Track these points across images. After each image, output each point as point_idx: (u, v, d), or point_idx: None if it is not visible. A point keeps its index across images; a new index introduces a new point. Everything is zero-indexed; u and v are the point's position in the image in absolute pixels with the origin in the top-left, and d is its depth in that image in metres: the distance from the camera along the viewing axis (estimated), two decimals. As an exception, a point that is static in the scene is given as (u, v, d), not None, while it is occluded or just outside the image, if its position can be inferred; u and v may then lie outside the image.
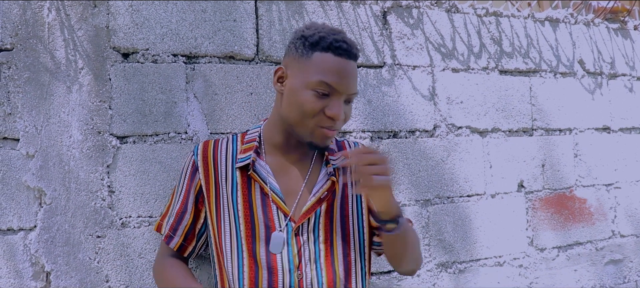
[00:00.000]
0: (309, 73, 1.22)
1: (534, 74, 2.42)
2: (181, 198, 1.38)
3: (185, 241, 1.41)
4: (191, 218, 1.38)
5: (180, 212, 1.38)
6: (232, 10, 1.81)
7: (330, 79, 1.20)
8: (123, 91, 1.66)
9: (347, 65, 1.22)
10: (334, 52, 1.21)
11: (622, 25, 2.72)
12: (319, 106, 1.22)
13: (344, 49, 1.21)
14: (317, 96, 1.21)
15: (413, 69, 2.13)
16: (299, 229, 1.30)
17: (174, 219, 1.40)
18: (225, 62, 1.81)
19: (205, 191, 1.35)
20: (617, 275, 2.59)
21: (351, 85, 1.23)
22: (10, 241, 1.53)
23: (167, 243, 1.42)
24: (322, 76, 1.20)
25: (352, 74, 1.23)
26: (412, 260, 1.40)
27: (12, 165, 1.54)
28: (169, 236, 1.41)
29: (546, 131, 2.43)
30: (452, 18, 2.23)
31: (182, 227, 1.39)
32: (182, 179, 1.40)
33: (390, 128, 2.06)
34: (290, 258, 1.28)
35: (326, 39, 1.22)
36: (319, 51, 1.22)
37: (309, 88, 1.22)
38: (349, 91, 1.23)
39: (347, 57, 1.22)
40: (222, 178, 1.33)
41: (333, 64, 1.21)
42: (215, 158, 1.35)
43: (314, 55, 1.22)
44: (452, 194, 2.17)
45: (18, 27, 1.55)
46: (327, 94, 1.22)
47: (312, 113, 1.22)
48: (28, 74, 1.56)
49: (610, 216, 2.58)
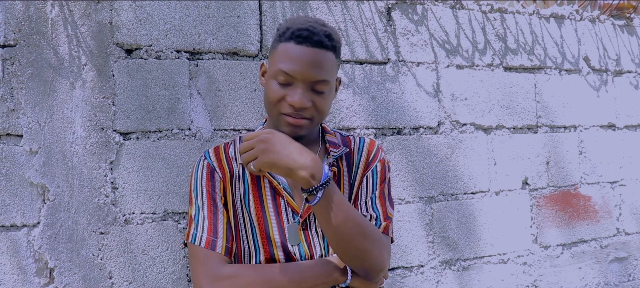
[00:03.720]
0: (273, 63, 1.25)
1: (539, 71, 2.41)
2: (205, 201, 1.30)
3: (228, 243, 1.28)
4: (226, 218, 1.32)
5: (212, 213, 1.29)
6: (235, 7, 1.81)
7: (287, 66, 1.21)
8: (126, 87, 1.66)
9: (307, 52, 1.21)
10: (295, 41, 1.21)
11: (628, 22, 2.70)
12: (280, 94, 1.23)
13: (304, 36, 1.21)
14: (279, 85, 1.23)
15: (417, 66, 2.12)
16: (306, 223, 1.31)
17: (208, 222, 1.28)
18: (229, 58, 1.80)
19: (226, 191, 1.33)
20: (622, 273, 2.58)
21: (310, 72, 1.21)
22: (14, 237, 1.53)
23: (212, 248, 1.25)
24: (281, 64, 1.22)
25: (314, 61, 1.21)
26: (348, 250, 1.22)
27: (15, 161, 1.54)
28: (211, 241, 1.26)
29: (551, 128, 2.42)
30: (457, 14, 2.22)
31: (221, 228, 1.28)
32: (200, 183, 1.32)
33: (394, 124, 2.05)
34: (302, 253, 1.29)
35: (290, 29, 1.23)
36: (284, 41, 1.23)
37: (272, 77, 1.24)
38: (307, 78, 1.21)
39: (309, 45, 1.21)
40: (236, 180, 1.33)
41: (292, 52, 1.21)
42: (228, 160, 1.35)
43: (279, 46, 1.24)
44: (456, 191, 2.16)
45: (21, 23, 1.55)
46: (290, 83, 1.22)
47: (275, 101, 1.24)
48: (31, 70, 1.55)
49: (615, 214, 2.57)
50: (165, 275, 1.69)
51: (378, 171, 1.38)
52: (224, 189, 1.32)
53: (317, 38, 1.21)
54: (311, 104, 1.22)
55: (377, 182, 1.37)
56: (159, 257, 1.68)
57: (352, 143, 1.41)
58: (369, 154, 1.39)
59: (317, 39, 1.21)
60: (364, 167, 1.38)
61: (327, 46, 1.23)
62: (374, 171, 1.37)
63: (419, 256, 2.07)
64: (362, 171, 1.37)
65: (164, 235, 1.69)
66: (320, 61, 1.22)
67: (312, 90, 1.23)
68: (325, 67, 1.23)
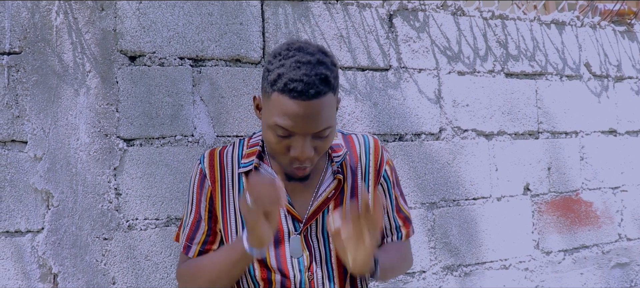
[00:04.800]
0: (269, 113, 1.16)
1: (540, 77, 2.42)
2: (194, 207, 1.34)
3: (204, 247, 1.34)
4: (207, 227, 1.34)
5: (195, 221, 1.33)
6: (238, 14, 1.82)
7: (285, 123, 1.13)
8: (130, 94, 1.67)
9: (304, 107, 1.11)
10: (289, 95, 1.11)
11: (628, 28, 2.71)
12: (283, 146, 1.17)
13: (298, 90, 1.09)
14: (278, 137, 1.16)
15: (419, 72, 2.13)
16: (308, 231, 1.30)
17: (189, 229, 1.35)
18: (232, 65, 1.82)
19: (214, 198, 1.34)
20: (624, 279, 2.58)
21: (309, 126, 1.13)
22: (18, 243, 1.54)
23: (186, 253, 1.35)
24: (277, 118, 1.13)
25: (313, 113, 1.12)
26: (396, 275, 1.47)
27: (20, 167, 1.55)
28: (187, 246, 1.35)
29: (552, 134, 2.42)
30: (458, 21, 2.23)
31: (199, 235, 1.34)
32: (192, 189, 1.36)
33: (396, 131, 2.06)
34: (301, 260, 1.28)
35: (281, 78, 1.12)
36: (277, 91, 1.13)
37: (270, 128, 1.17)
38: (309, 131, 1.14)
39: (305, 99, 1.10)
40: (229, 185, 1.32)
41: (288, 107, 1.11)
42: (221, 166, 1.34)
43: (272, 95, 1.14)
44: (457, 197, 2.17)
45: (26, 30, 1.56)
46: (290, 135, 1.16)
47: (277, 153, 1.19)
48: (36, 77, 1.57)
49: (617, 220, 2.58)
50: (169, 281, 1.69)
51: (389, 175, 1.37)
52: (211, 197, 1.32)
53: (313, 90, 1.10)
54: (314, 152, 1.18)
55: (391, 188, 1.38)
56: (162, 263, 1.69)
57: (357, 145, 1.39)
58: (376, 157, 1.36)
59: (313, 91, 1.10)
60: (375, 174, 1.36)
61: (324, 92, 1.12)
62: (386, 178, 1.36)
63: (420, 262, 2.08)
64: (374, 179, 1.35)
65: (167, 241, 1.69)
66: (318, 112, 1.13)
67: (314, 137, 1.18)
68: (324, 115, 1.14)
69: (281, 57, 1.15)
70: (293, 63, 1.12)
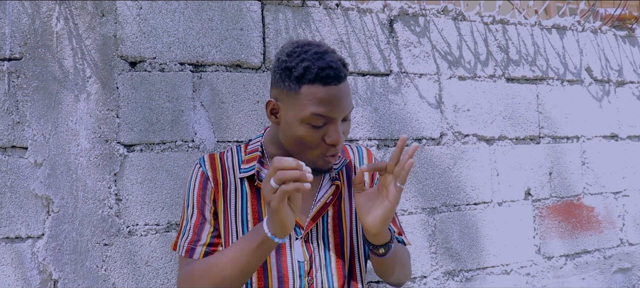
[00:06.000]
0: (301, 108, 1.19)
1: (541, 82, 2.42)
2: (195, 211, 1.31)
3: (209, 248, 1.30)
4: (212, 228, 1.33)
5: (198, 224, 1.30)
6: (239, 19, 1.82)
7: (323, 110, 1.17)
8: (130, 100, 1.67)
9: (337, 91, 1.18)
10: (322, 83, 1.16)
11: (629, 33, 2.71)
12: (318, 137, 1.20)
13: (331, 76, 1.16)
14: (313, 128, 1.19)
15: (420, 77, 2.13)
16: (308, 236, 1.30)
17: (192, 232, 1.30)
18: (232, 70, 1.82)
19: (217, 200, 1.33)
20: (626, 284, 2.57)
21: (345, 107, 1.20)
22: (19, 249, 1.54)
23: (190, 256, 1.29)
24: (314, 108, 1.17)
25: (344, 95, 1.19)
26: (401, 276, 1.40)
27: (20, 173, 1.55)
28: (190, 249, 1.29)
29: (553, 139, 2.42)
30: (459, 26, 2.23)
31: (204, 236, 1.30)
32: (192, 192, 1.34)
33: (396, 136, 2.06)
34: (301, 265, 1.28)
35: (311, 69, 1.16)
36: (306, 83, 1.17)
37: (304, 122, 1.19)
38: (344, 112, 1.20)
39: (336, 83, 1.17)
40: (231, 190, 1.32)
41: (323, 94, 1.17)
42: (223, 169, 1.34)
43: (302, 89, 1.18)
44: (458, 202, 2.17)
45: (27, 36, 1.56)
46: (325, 123, 1.19)
47: (314, 145, 1.21)
48: (36, 83, 1.57)
49: (619, 225, 2.57)
50: (169, 287, 1.69)
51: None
52: (214, 200, 1.31)
53: (342, 73, 1.18)
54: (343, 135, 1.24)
55: None
56: (162, 268, 1.69)
57: (351, 156, 1.41)
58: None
59: (342, 74, 1.18)
60: (370, 182, 1.39)
61: (346, 75, 1.21)
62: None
63: (421, 267, 2.07)
64: (370, 187, 1.37)
65: (167, 247, 1.69)
66: (347, 93, 1.21)
67: (342, 121, 1.23)
68: (350, 96, 1.22)
69: (297, 53, 1.20)
70: (313, 55, 1.18)
